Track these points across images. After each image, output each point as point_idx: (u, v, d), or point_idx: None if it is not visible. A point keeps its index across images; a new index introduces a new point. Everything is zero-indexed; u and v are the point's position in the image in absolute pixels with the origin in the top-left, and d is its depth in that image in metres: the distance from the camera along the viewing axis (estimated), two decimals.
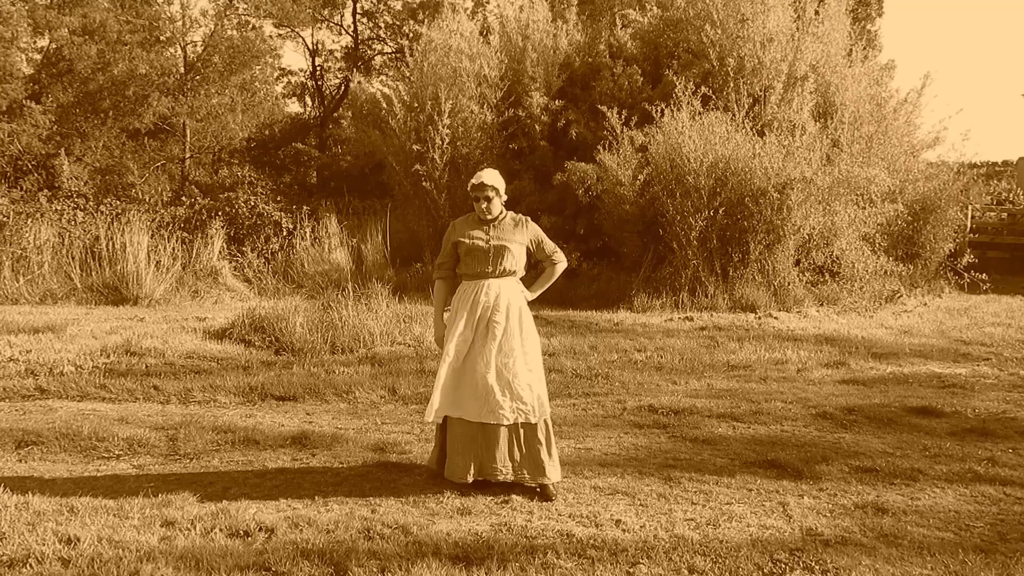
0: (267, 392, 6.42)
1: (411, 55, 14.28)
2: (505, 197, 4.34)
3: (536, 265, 4.62)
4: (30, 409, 5.93)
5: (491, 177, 4.24)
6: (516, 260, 4.29)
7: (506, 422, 4.12)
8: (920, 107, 13.45)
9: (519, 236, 4.31)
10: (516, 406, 4.12)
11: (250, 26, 20.85)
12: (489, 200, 4.24)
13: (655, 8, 13.74)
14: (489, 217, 4.27)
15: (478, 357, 4.14)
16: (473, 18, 16.13)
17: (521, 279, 4.42)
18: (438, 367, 4.25)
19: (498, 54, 13.44)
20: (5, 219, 11.67)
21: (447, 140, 12.96)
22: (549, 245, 4.47)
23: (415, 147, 13.11)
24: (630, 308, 10.45)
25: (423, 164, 13.02)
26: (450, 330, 4.23)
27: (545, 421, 4.25)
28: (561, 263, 4.50)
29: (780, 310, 10.39)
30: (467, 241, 4.25)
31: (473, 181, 4.26)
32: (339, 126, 18.15)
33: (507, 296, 4.24)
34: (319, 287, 10.95)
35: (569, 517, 3.92)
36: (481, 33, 14.18)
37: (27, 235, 11.50)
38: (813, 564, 3.45)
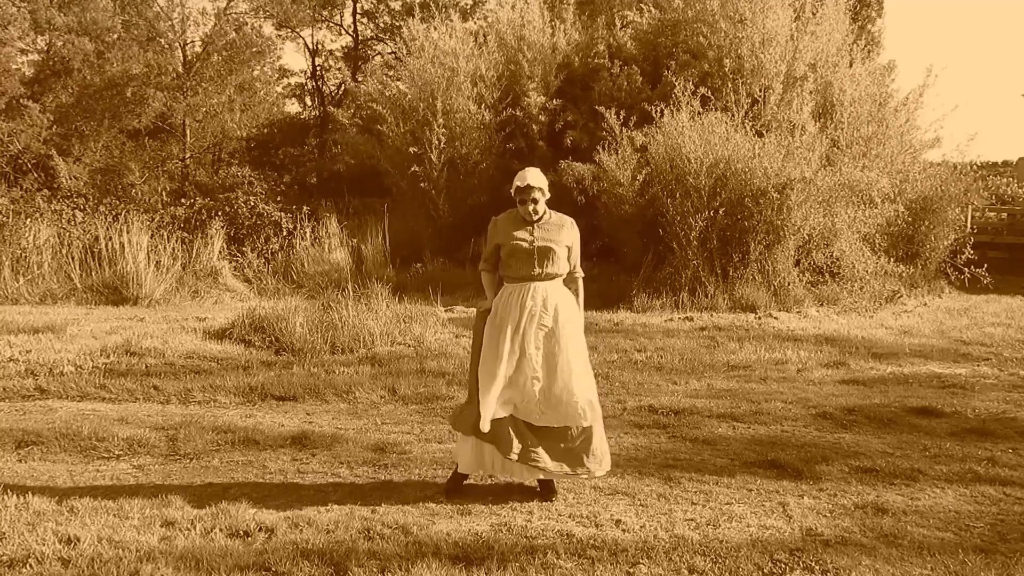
0: (267, 392, 6.42)
1: (408, 55, 14.26)
2: (548, 196, 4.18)
3: None
4: (30, 409, 5.92)
5: (536, 178, 4.10)
6: (561, 262, 4.15)
7: (558, 425, 4.06)
8: (922, 106, 13.46)
9: (564, 237, 4.16)
10: (569, 411, 4.04)
11: (250, 26, 20.85)
12: (536, 202, 4.10)
13: (652, 9, 13.74)
14: (534, 219, 4.14)
15: (530, 362, 4.04)
16: (471, 18, 16.13)
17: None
18: (481, 371, 4.08)
19: (493, 54, 13.43)
20: (5, 219, 11.67)
21: (444, 140, 12.95)
22: (577, 256, 4.29)
23: (411, 149, 13.11)
24: (630, 308, 10.45)
25: (420, 165, 13.01)
26: (497, 336, 4.07)
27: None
28: (581, 277, 4.37)
29: (780, 310, 10.39)
30: (511, 242, 4.11)
31: (518, 183, 4.09)
32: (339, 126, 18.18)
33: (554, 298, 4.11)
34: (319, 287, 10.94)
35: (569, 517, 3.92)
36: (477, 34, 14.18)
37: (26, 235, 11.49)
38: (813, 564, 3.45)
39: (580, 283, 4.35)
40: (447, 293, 11.03)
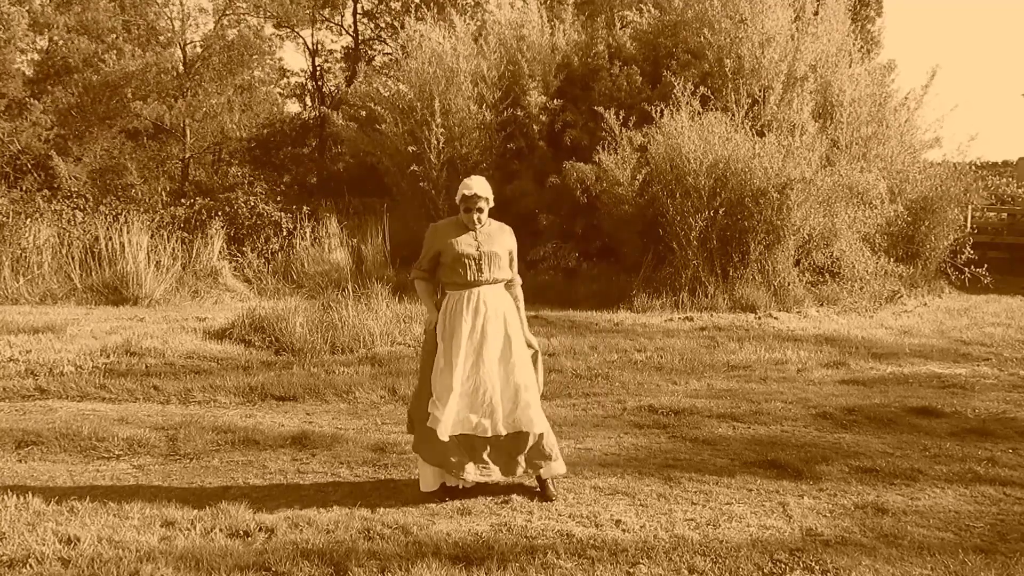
0: (267, 392, 6.42)
1: (406, 56, 14.25)
2: (492, 205, 4.17)
3: None
4: (30, 409, 5.92)
5: (482, 187, 4.09)
6: (504, 268, 4.18)
7: (508, 431, 4.08)
8: (923, 105, 13.46)
9: (506, 243, 4.19)
10: (521, 416, 4.06)
11: (250, 27, 20.84)
12: (481, 211, 4.09)
13: (652, 9, 13.74)
14: (477, 226, 4.12)
15: (479, 369, 4.04)
16: (471, 18, 16.12)
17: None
18: (436, 377, 4.09)
19: (493, 54, 13.43)
20: (5, 219, 11.67)
21: (443, 140, 12.95)
22: (515, 262, 4.31)
23: (410, 148, 13.11)
24: (630, 308, 10.45)
25: (420, 164, 13.01)
26: (450, 345, 4.07)
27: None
28: (519, 285, 4.34)
29: (780, 310, 10.39)
30: (455, 248, 4.08)
31: (464, 192, 4.07)
32: (338, 127, 18.25)
33: (501, 305, 4.14)
34: (319, 287, 10.95)
35: (569, 517, 3.92)
36: (476, 33, 14.17)
37: (27, 235, 11.49)
38: (813, 564, 3.45)
39: (519, 289, 4.34)
40: None
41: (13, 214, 11.89)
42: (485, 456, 4.10)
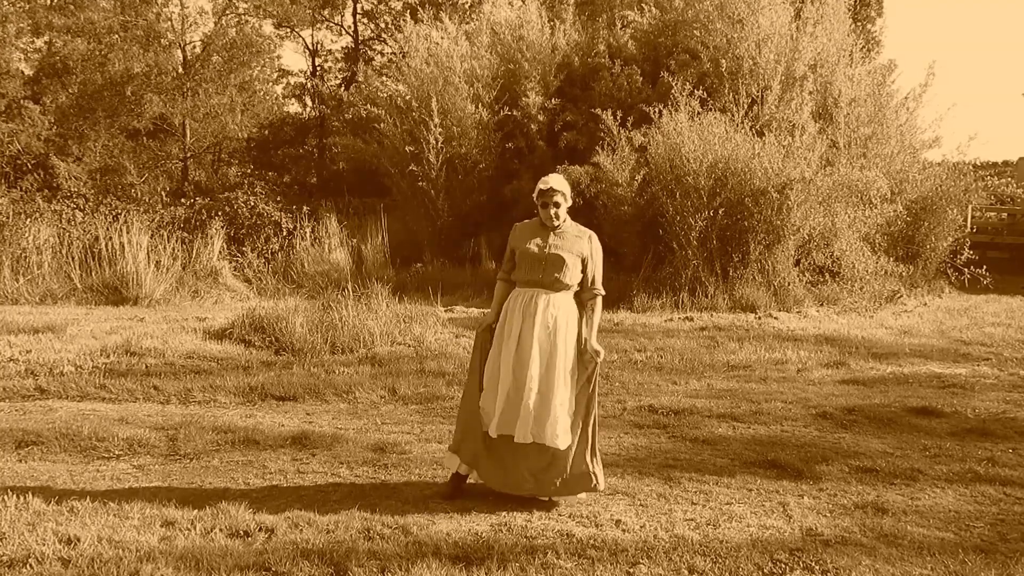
0: (267, 392, 6.41)
1: (403, 57, 14.25)
2: (570, 202, 4.13)
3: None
4: (30, 409, 5.92)
5: (559, 182, 4.05)
6: (571, 272, 4.03)
7: (535, 440, 4.00)
8: (923, 105, 13.47)
9: (579, 248, 4.08)
10: (548, 430, 3.97)
11: (250, 26, 20.86)
12: (558, 206, 4.05)
13: (653, 9, 13.74)
14: (554, 224, 4.10)
15: (524, 374, 3.97)
16: (469, 19, 16.13)
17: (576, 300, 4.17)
18: (486, 379, 4.08)
19: (489, 53, 13.43)
20: (5, 219, 11.67)
21: (441, 140, 12.95)
22: (599, 273, 4.18)
23: (409, 148, 13.11)
24: (630, 308, 10.45)
25: (419, 164, 13.01)
26: (500, 343, 4.04)
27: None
28: (601, 297, 4.21)
29: (780, 310, 10.39)
30: (523, 246, 4.07)
31: (540, 186, 4.06)
32: (335, 129, 18.21)
33: (556, 311, 4.01)
34: (319, 287, 10.93)
35: (569, 517, 3.92)
36: (474, 33, 14.18)
37: (26, 235, 11.48)
38: (813, 564, 3.45)
39: (598, 301, 4.20)
40: (447, 293, 11.03)
41: (13, 214, 11.89)
42: (513, 466, 4.03)
